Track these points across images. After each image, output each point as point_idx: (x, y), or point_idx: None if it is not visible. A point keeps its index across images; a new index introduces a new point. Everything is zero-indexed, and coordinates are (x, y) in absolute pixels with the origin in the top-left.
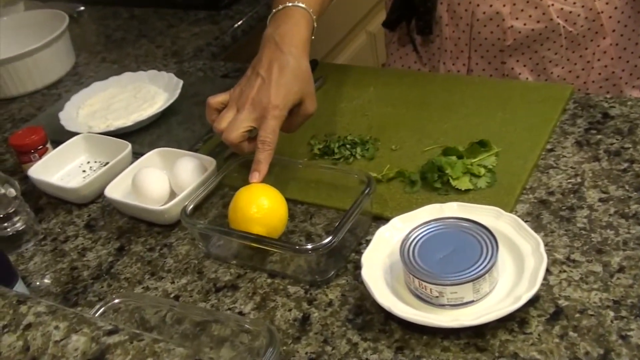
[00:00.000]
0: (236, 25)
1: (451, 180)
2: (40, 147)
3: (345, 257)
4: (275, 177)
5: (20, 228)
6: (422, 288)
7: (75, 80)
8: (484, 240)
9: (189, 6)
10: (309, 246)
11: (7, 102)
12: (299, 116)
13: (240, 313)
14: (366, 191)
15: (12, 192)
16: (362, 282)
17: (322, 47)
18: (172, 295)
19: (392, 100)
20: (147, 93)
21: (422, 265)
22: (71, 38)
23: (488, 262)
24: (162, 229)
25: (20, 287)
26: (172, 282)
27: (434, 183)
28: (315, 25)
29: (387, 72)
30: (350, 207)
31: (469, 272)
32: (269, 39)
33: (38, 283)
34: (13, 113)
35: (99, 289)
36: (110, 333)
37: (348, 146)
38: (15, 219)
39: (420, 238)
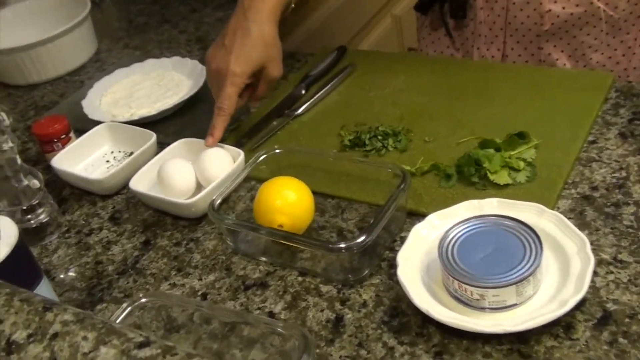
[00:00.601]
0: None
1: (489, 175)
2: (64, 136)
3: (379, 255)
4: (304, 170)
5: (44, 220)
6: (462, 290)
7: (97, 66)
8: (527, 240)
9: None
10: (342, 245)
11: (29, 88)
12: (263, 82)
13: (271, 313)
14: (401, 186)
15: (35, 183)
16: (397, 282)
17: (346, 32)
18: (199, 293)
19: (424, 88)
20: (170, 80)
21: (462, 266)
22: (93, 23)
23: (532, 264)
24: (188, 222)
25: (45, 286)
26: (200, 279)
27: (471, 177)
28: None
29: (418, 59)
30: (385, 203)
31: (513, 274)
32: (238, 6)
33: (62, 276)
34: (35, 100)
35: (125, 284)
36: (141, 346)
37: (379, 137)
38: (39, 210)
39: (460, 237)
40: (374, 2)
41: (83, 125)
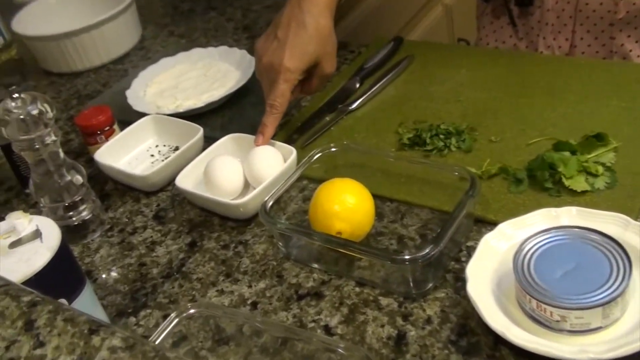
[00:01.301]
0: None
1: (564, 180)
2: (107, 128)
3: (445, 267)
4: (360, 170)
5: (87, 217)
6: (541, 310)
7: (142, 55)
8: (614, 256)
9: None
10: (407, 256)
11: (72, 76)
12: (316, 77)
13: (327, 327)
14: (470, 192)
15: (78, 179)
16: (464, 297)
17: (394, 23)
18: (249, 302)
19: (488, 83)
20: (218, 71)
21: (540, 283)
22: (137, 9)
23: (621, 283)
24: (236, 224)
25: (88, 292)
26: (249, 286)
27: (544, 182)
28: None
29: (480, 52)
30: (453, 210)
31: (599, 295)
32: None
33: (104, 277)
34: (79, 89)
35: (170, 289)
36: None
37: (442, 136)
38: (81, 207)
39: (537, 249)
40: None
41: (127, 116)
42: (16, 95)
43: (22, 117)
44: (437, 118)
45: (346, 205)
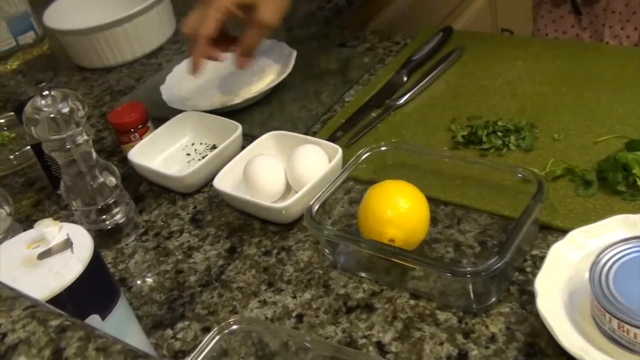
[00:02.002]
0: None
1: (639, 182)
2: (141, 126)
3: (509, 278)
4: (411, 170)
5: (120, 221)
6: (623, 331)
7: (176, 48)
8: None
9: None
10: (469, 268)
11: (104, 71)
12: (252, 24)
13: (379, 344)
14: (538, 196)
15: (112, 181)
16: (532, 312)
17: (436, 13)
18: (294, 314)
19: (548, 76)
20: (255, 65)
21: (621, 301)
22: (171, 1)
23: None
24: (278, 228)
25: (122, 307)
26: (294, 297)
27: (617, 185)
28: None
29: (537, 42)
30: (520, 216)
31: None
32: None
33: (139, 285)
34: (111, 84)
35: (208, 299)
36: None
37: (499, 134)
38: (115, 210)
39: (616, 262)
40: None
41: (161, 113)
42: (46, 92)
43: (52, 115)
44: (493, 114)
45: (399, 210)
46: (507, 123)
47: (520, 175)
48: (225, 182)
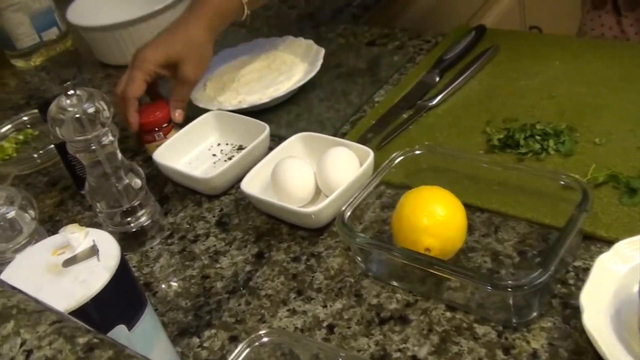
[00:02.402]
0: None
1: None
2: (165, 125)
3: (551, 291)
4: (445, 175)
5: (145, 223)
6: None
7: None
8: None
9: None
10: (510, 282)
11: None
12: (177, 81)
13: (415, 358)
14: (583, 206)
15: (137, 182)
16: (576, 327)
17: (465, 8)
18: (324, 324)
19: (587, 77)
20: (282, 63)
21: None
22: None
23: None
24: (307, 233)
25: (149, 316)
26: (324, 306)
27: None
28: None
29: (576, 42)
30: (564, 226)
31: None
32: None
33: (165, 290)
34: None
35: (236, 306)
36: None
37: (537, 137)
38: (140, 212)
39: None
40: None
41: (187, 111)
42: (71, 92)
43: (77, 115)
44: (530, 116)
45: (436, 218)
46: (546, 126)
47: (562, 183)
48: (253, 185)
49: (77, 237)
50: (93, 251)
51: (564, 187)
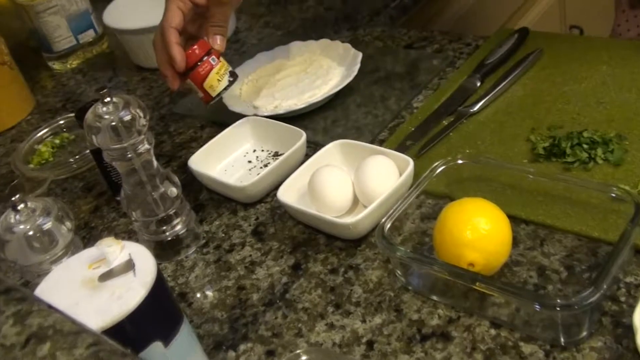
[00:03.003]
0: None
1: None
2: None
3: (602, 309)
4: (488, 185)
5: (181, 232)
6: None
7: (236, 48)
8: None
9: None
10: (559, 301)
11: None
12: (212, 4)
13: None
14: (636, 220)
15: (173, 191)
16: (628, 348)
17: (504, 9)
18: (363, 340)
19: (636, 82)
20: (319, 67)
21: None
22: None
23: None
24: (344, 244)
25: (186, 330)
26: (363, 321)
27: None
28: None
29: (623, 44)
30: (617, 243)
31: None
32: None
33: (200, 301)
34: None
35: (272, 319)
36: None
37: (585, 146)
38: (175, 221)
39: None
40: None
41: (222, 117)
42: (108, 99)
43: (113, 123)
44: (577, 124)
45: (480, 232)
46: (593, 134)
47: (613, 195)
48: (289, 194)
49: (113, 250)
50: (129, 266)
51: (615, 199)
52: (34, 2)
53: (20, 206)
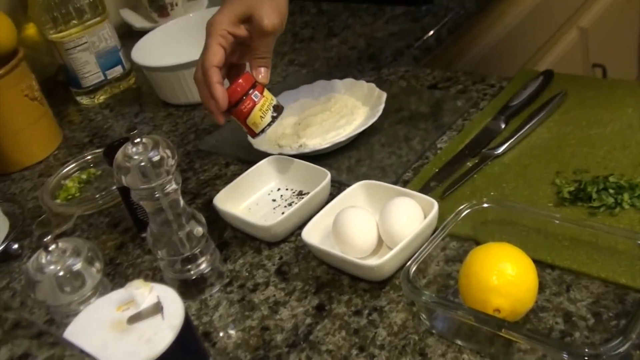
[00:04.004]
0: (441, 23)
1: None
2: (256, 83)
3: (630, 358)
4: (513, 228)
5: (206, 271)
6: None
7: None
8: None
9: (384, 0)
10: (587, 350)
11: (190, 108)
12: (254, 35)
13: None
14: None
15: (199, 231)
16: None
17: (526, 48)
18: None
19: None
20: (344, 106)
21: None
22: None
23: None
24: (369, 285)
25: None
26: None
27: None
28: None
29: None
30: None
31: None
32: None
33: (224, 341)
34: (196, 122)
35: None
36: None
37: (611, 191)
38: (200, 260)
39: None
40: (559, 15)
41: (247, 155)
42: (137, 140)
43: (142, 164)
44: (602, 168)
45: (506, 277)
46: (619, 179)
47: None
48: (314, 234)
49: (142, 292)
50: (157, 308)
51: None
52: (64, 39)
53: (52, 247)
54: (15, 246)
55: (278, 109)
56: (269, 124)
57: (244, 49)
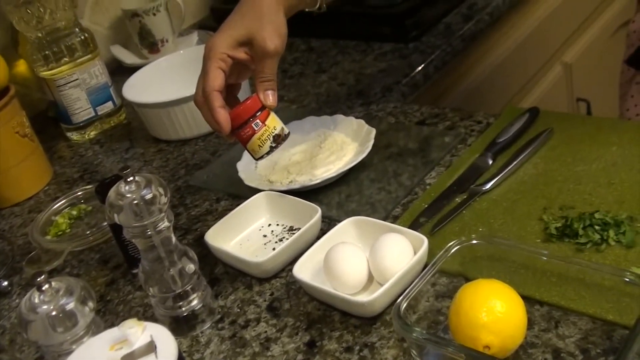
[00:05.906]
0: (428, 60)
1: None
2: (259, 112)
3: None
4: (501, 264)
5: (197, 307)
6: None
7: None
8: None
9: (372, 37)
10: None
11: (180, 143)
12: (256, 58)
13: None
14: None
15: (191, 268)
16: None
17: (512, 84)
18: None
19: None
20: (333, 142)
21: None
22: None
23: None
24: (359, 321)
25: None
26: None
27: None
28: None
29: (633, 125)
30: (632, 330)
31: None
32: None
33: None
34: (186, 157)
35: None
36: None
37: (597, 227)
38: (192, 296)
39: None
40: (543, 51)
41: (237, 190)
42: (130, 178)
43: (135, 202)
44: (588, 204)
45: (495, 314)
46: (605, 215)
47: (626, 279)
48: (305, 270)
49: (135, 332)
50: (151, 348)
51: (628, 283)
52: (56, 76)
53: (45, 286)
54: (5, 283)
55: (279, 139)
56: (268, 153)
57: (241, 69)
